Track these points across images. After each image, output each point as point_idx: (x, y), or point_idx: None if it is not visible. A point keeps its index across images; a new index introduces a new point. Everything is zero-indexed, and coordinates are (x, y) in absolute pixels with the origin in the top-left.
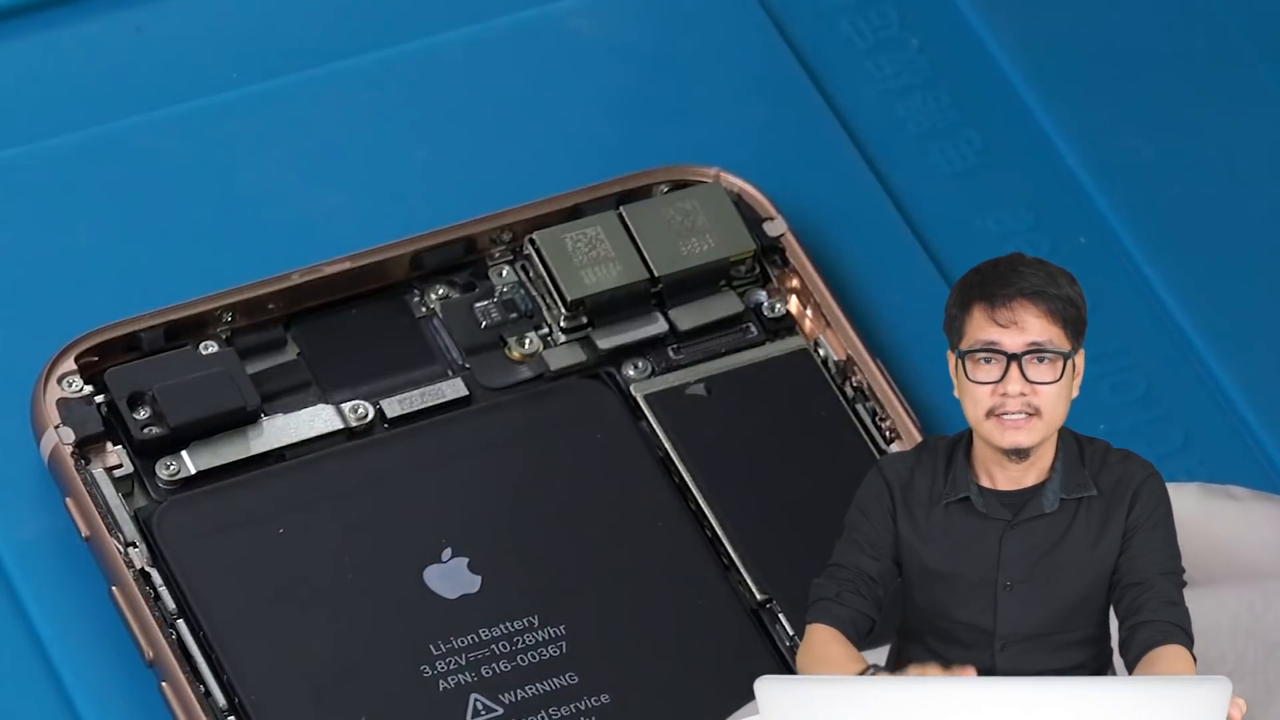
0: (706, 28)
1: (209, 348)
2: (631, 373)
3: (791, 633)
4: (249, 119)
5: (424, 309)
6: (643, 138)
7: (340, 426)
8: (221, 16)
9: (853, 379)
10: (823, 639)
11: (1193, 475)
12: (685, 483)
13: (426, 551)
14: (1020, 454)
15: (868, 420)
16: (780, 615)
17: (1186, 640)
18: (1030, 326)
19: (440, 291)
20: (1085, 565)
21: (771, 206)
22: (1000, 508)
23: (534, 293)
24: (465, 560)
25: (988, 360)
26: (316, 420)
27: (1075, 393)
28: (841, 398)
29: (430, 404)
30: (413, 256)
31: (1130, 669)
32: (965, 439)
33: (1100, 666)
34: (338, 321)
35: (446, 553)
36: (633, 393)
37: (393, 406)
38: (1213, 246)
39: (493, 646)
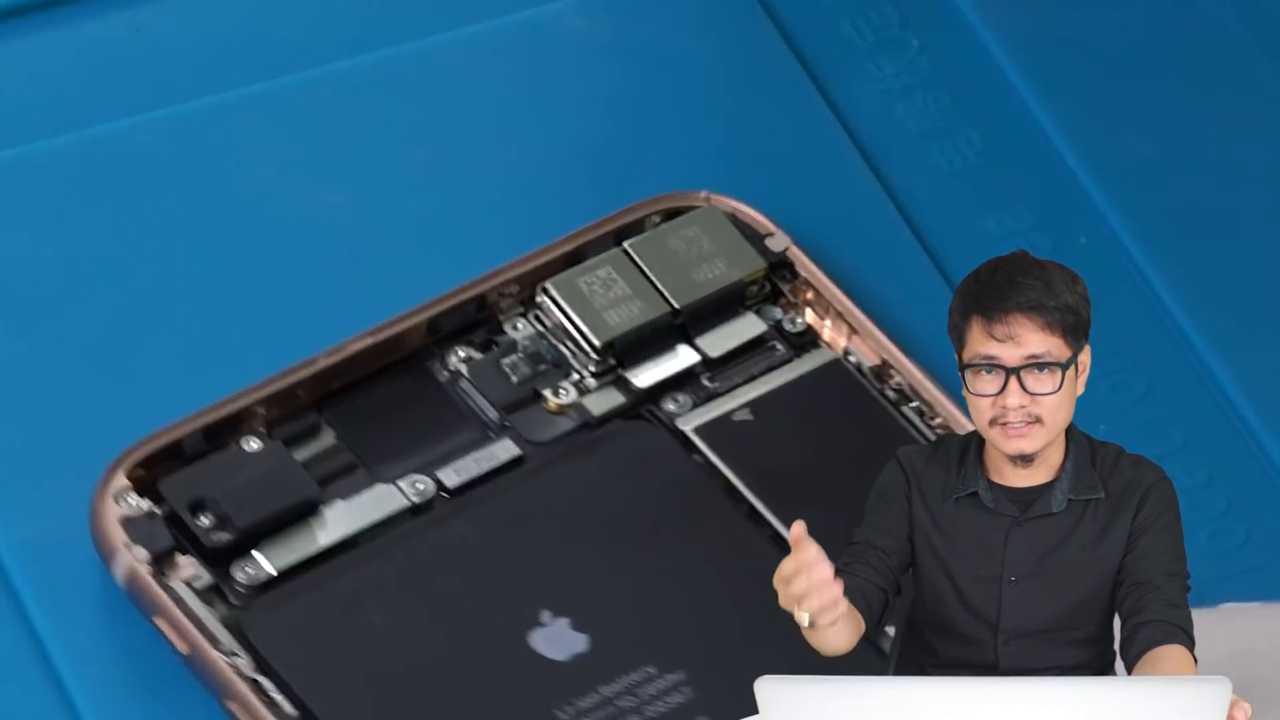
0: (706, 28)
1: (251, 443)
2: (672, 407)
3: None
4: (249, 119)
5: (446, 372)
6: (641, 138)
7: (404, 505)
8: (221, 16)
9: (891, 381)
10: None
11: (1193, 475)
12: (756, 509)
13: (525, 617)
14: (1025, 459)
15: (915, 419)
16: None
17: (1188, 642)
18: (1027, 340)
19: (461, 354)
20: (1088, 565)
21: (769, 222)
22: (1008, 504)
23: (554, 341)
24: (567, 620)
25: (989, 372)
26: (380, 502)
27: (1081, 389)
28: (884, 400)
29: (486, 469)
30: (429, 321)
31: (1130, 668)
32: (978, 437)
33: (1103, 667)
34: (368, 398)
35: (546, 615)
36: (679, 427)
37: (450, 476)
38: (1213, 246)
39: (617, 702)
